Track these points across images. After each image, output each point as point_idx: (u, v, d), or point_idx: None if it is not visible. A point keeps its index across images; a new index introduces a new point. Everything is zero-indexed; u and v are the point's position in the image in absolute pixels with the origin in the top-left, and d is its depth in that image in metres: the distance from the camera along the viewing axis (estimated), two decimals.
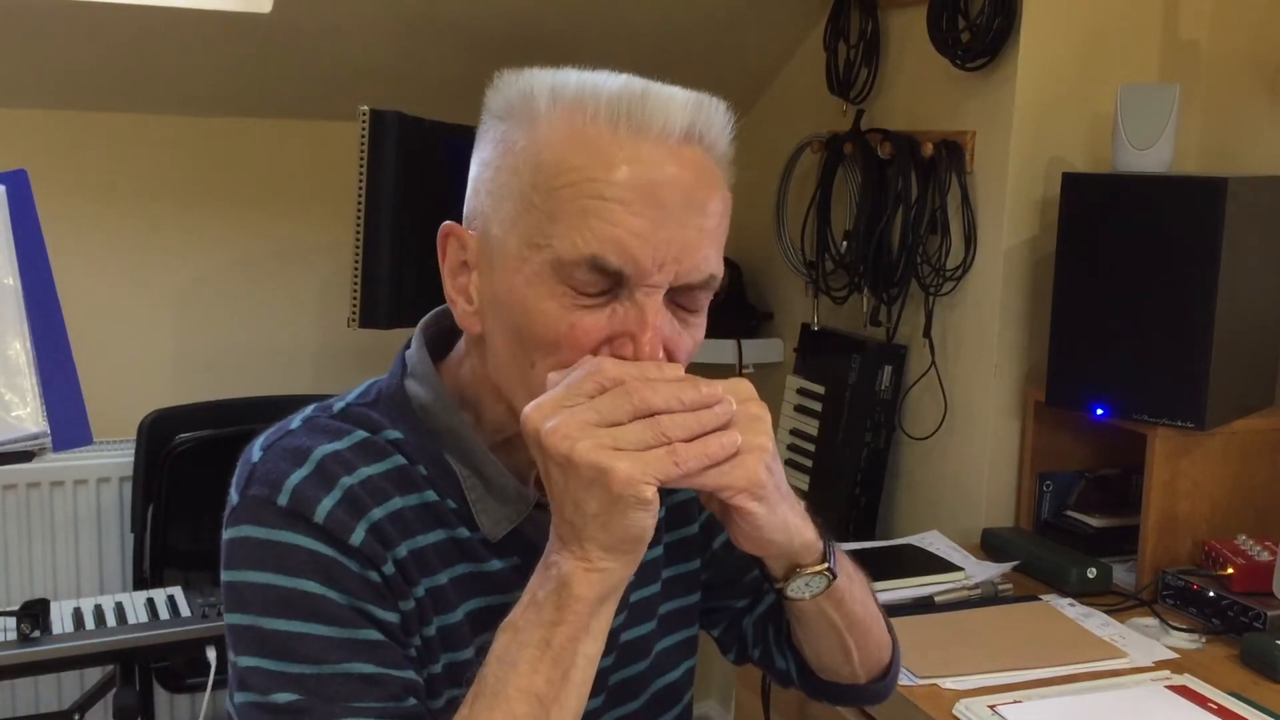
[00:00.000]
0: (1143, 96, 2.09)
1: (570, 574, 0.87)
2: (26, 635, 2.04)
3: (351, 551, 0.93)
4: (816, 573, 1.01)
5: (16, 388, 1.58)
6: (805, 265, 2.71)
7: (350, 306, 2.26)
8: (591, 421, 0.85)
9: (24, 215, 1.65)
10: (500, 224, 0.93)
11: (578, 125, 0.91)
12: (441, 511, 0.99)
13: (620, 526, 0.85)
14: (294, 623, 0.91)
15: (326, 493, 0.94)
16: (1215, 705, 1.63)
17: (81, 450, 1.92)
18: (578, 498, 0.85)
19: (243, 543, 0.95)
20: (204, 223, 2.79)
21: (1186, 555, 2.05)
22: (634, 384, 0.86)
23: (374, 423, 1.00)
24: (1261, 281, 2.04)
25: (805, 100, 2.80)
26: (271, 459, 0.97)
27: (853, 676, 1.14)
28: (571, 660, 0.88)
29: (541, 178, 0.91)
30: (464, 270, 0.97)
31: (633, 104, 0.91)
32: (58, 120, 2.63)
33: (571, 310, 0.90)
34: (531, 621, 0.89)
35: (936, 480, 2.44)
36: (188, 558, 2.61)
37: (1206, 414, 1.94)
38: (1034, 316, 2.28)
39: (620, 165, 0.90)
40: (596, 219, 0.89)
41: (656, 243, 0.89)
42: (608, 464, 0.83)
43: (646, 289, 0.90)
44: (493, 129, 0.96)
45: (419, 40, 2.54)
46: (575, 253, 0.89)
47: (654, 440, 0.85)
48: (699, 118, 0.93)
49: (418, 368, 1.03)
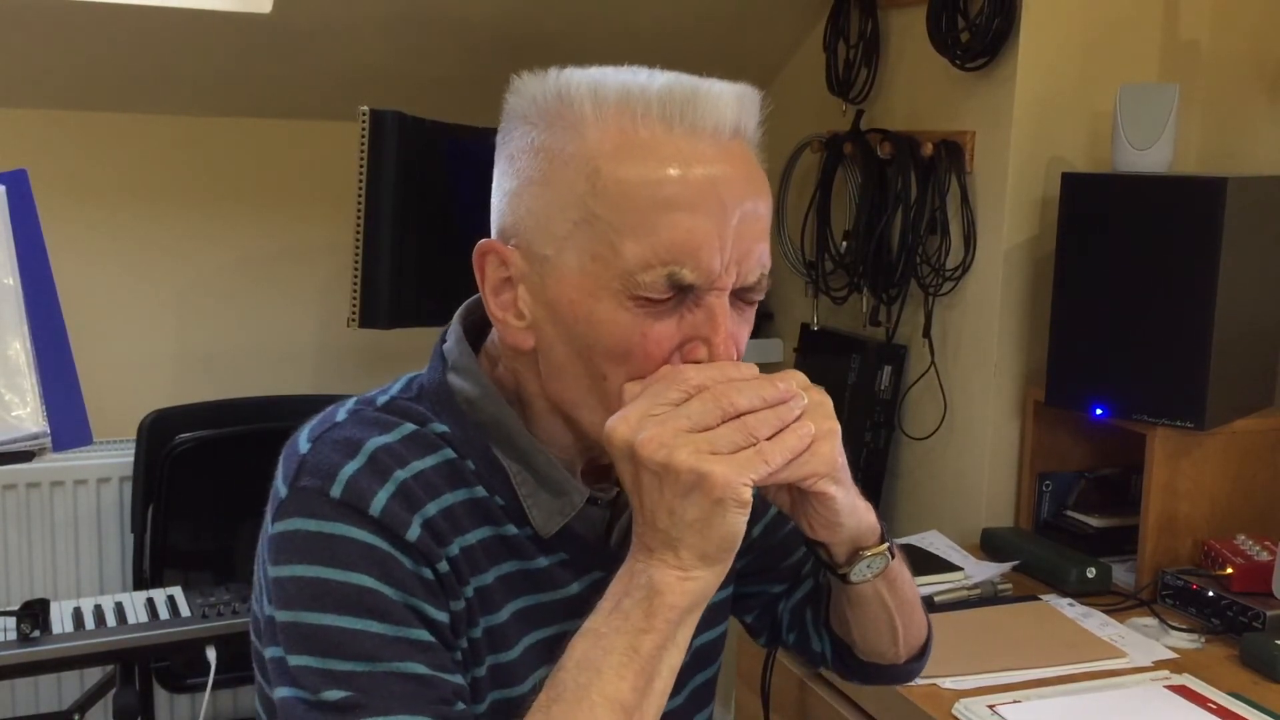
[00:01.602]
0: (1143, 96, 2.09)
1: (662, 582, 0.87)
2: (26, 635, 2.04)
3: (407, 547, 0.91)
4: (877, 553, 1.02)
5: (16, 388, 1.58)
6: (805, 265, 2.71)
7: (350, 306, 2.26)
8: (684, 428, 0.86)
9: (24, 215, 1.65)
10: (552, 238, 0.91)
11: (630, 128, 0.89)
12: (489, 508, 0.97)
13: (718, 532, 0.86)
14: (346, 618, 0.89)
15: (381, 485, 0.91)
16: (1215, 705, 1.63)
17: (81, 450, 1.92)
18: (674, 505, 0.86)
19: (293, 536, 0.91)
20: (204, 223, 2.79)
21: (1186, 555, 2.05)
22: (719, 388, 0.87)
23: (421, 416, 0.98)
24: (1261, 281, 2.04)
25: (805, 100, 2.80)
26: (322, 450, 0.94)
27: (894, 657, 1.14)
28: (656, 669, 0.88)
29: (601, 186, 0.89)
30: (508, 287, 0.95)
31: (685, 102, 0.90)
32: (58, 120, 2.63)
33: (643, 320, 0.90)
34: (617, 628, 0.88)
35: (936, 480, 2.44)
36: (188, 558, 2.61)
37: (1206, 414, 1.94)
38: (1034, 316, 2.28)
39: (682, 167, 0.89)
40: (666, 228, 0.88)
41: (724, 246, 0.89)
42: (706, 469, 0.84)
43: (715, 292, 0.90)
44: (524, 136, 0.93)
45: (419, 40, 2.54)
46: (649, 266, 0.88)
47: (744, 441, 0.86)
48: (743, 112, 0.93)
49: (460, 361, 1.01)
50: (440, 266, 2.26)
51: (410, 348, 2.94)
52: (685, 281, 0.89)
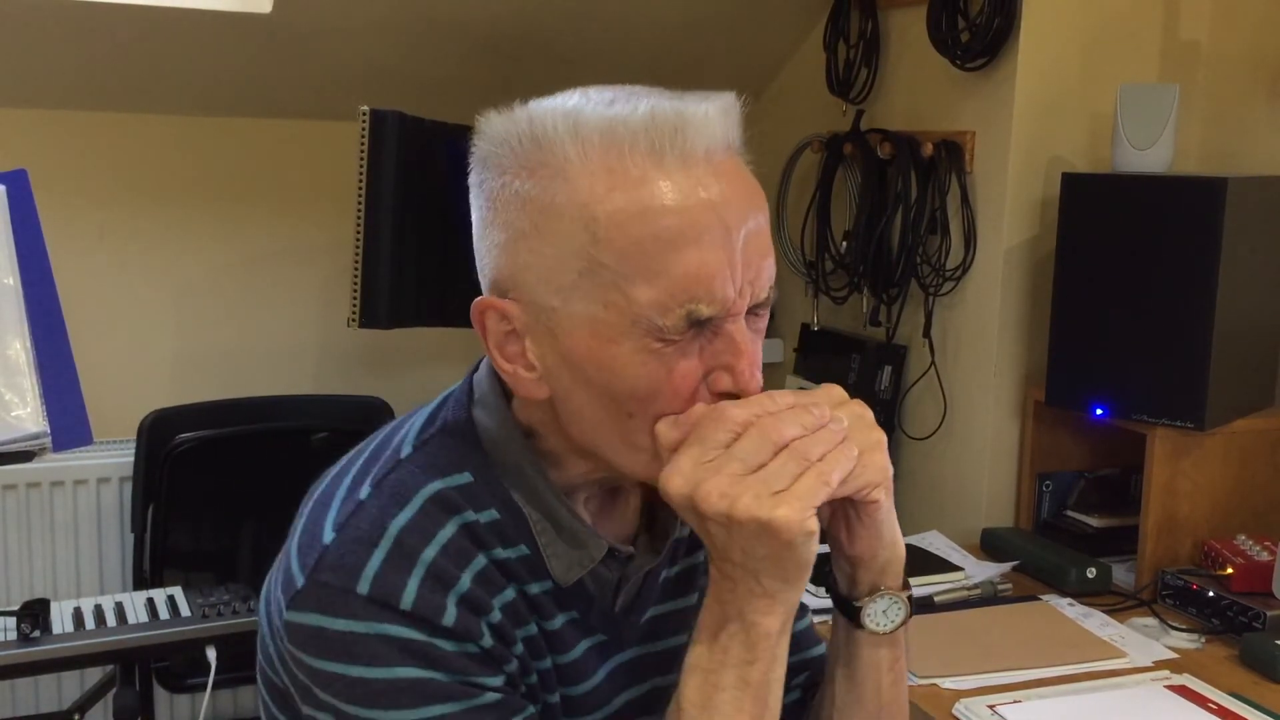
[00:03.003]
0: (1143, 96, 2.09)
1: (753, 612, 0.89)
2: (26, 635, 2.04)
3: (446, 633, 0.89)
4: (898, 596, 1.01)
5: (16, 388, 1.58)
6: (805, 265, 2.71)
7: (350, 306, 2.26)
8: (740, 473, 0.85)
9: (24, 215, 1.65)
10: (556, 289, 0.88)
11: (619, 167, 0.86)
12: (512, 566, 0.95)
13: (793, 562, 0.87)
14: (408, 711, 0.87)
15: (409, 573, 0.89)
16: (1215, 705, 1.63)
17: (81, 450, 1.92)
18: (745, 546, 0.86)
19: (319, 633, 0.89)
20: (204, 223, 2.79)
21: (1186, 555, 2.05)
22: (766, 422, 0.86)
23: (441, 467, 0.95)
24: (1261, 281, 2.04)
25: (805, 100, 2.80)
26: (345, 545, 0.91)
27: None
28: (769, 691, 0.90)
29: (601, 234, 0.85)
30: (513, 339, 0.92)
31: (674, 131, 0.86)
32: (58, 120, 2.63)
33: (667, 359, 0.88)
34: (722, 663, 0.89)
35: (936, 480, 2.44)
36: (188, 558, 2.62)
37: (1206, 414, 1.94)
38: (1034, 316, 2.28)
39: (680, 200, 0.86)
40: (676, 266, 0.85)
41: (734, 272, 0.87)
42: (768, 515, 0.84)
43: (731, 318, 0.88)
44: (505, 185, 0.89)
45: (419, 40, 2.54)
46: (666, 309, 0.86)
47: (799, 469, 0.85)
48: (730, 126, 0.90)
49: (486, 396, 0.98)
50: (440, 266, 2.26)
51: (410, 347, 2.95)
52: (703, 316, 0.87)
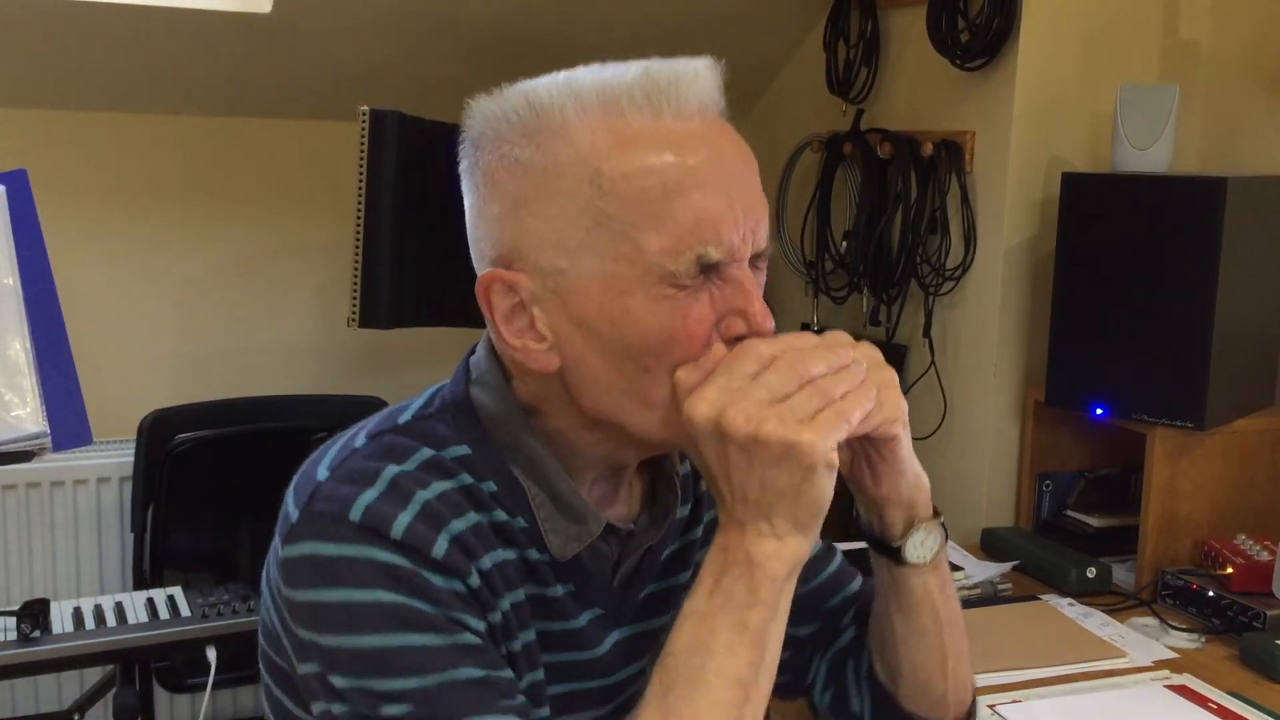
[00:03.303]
0: (1143, 96, 2.09)
1: (761, 554, 0.88)
2: (26, 635, 2.04)
3: (435, 565, 0.89)
4: (933, 526, 1.02)
5: (16, 388, 1.58)
6: (805, 265, 2.71)
7: (350, 306, 2.26)
8: (765, 399, 0.87)
9: (24, 215, 1.65)
10: (563, 250, 0.90)
11: (619, 124, 0.89)
12: (511, 531, 0.96)
13: (809, 497, 0.87)
14: (386, 636, 0.87)
15: (403, 508, 0.90)
16: (1215, 705, 1.63)
17: (81, 450, 1.92)
18: (765, 477, 0.87)
19: (311, 560, 0.89)
20: (204, 223, 2.79)
21: (1186, 555, 2.05)
22: (792, 356, 0.88)
23: (439, 438, 0.96)
24: (1261, 281, 2.04)
25: (805, 100, 2.80)
26: (340, 480, 0.92)
27: (941, 702, 1.09)
28: (766, 642, 0.89)
29: (607, 186, 0.88)
30: (520, 312, 0.93)
31: (669, 86, 0.90)
32: (58, 120, 2.63)
33: (680, 305, 0.90)
34: (721, 607, 0.88)
35: (936, 480, 2.40)
36: (188, 558, 2.61)
37: (1206, 414, 1.94)
38: (1034, 316, 2.28)
39: (681, 150, 0.89)
40: (683, 212, 0.88)
41: (738, 219, 0.90)
42: (794, 438, 0.85)
43: (737, 263, 0.91)
44: (501, 156, 0.92)
45: (419, 40, 2.54)
46: (676, 253, 0.88)
47: (822, 403, 0.87)
48: (718, 87, 0.93)
49: (485, 375, 0.99)
50: (440, 266, 2.25)
51: (410, 347, 2.95)
52: (712, 260, 0.89)
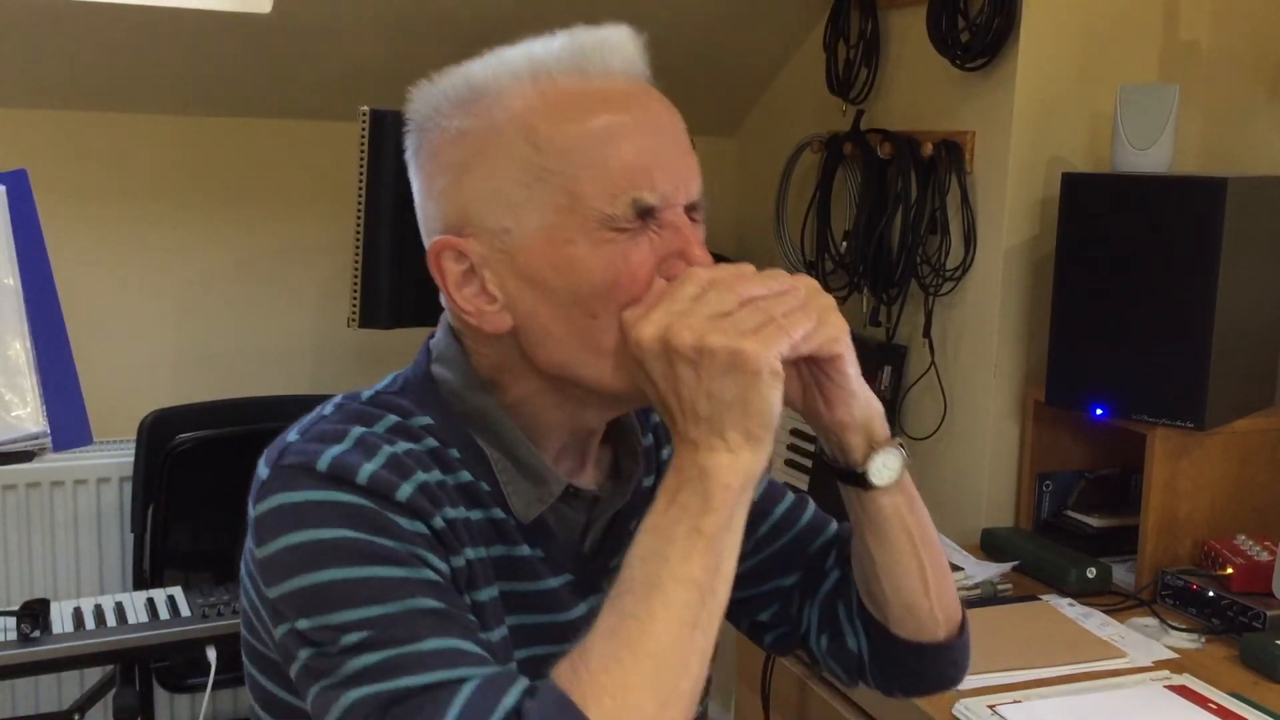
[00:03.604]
0: (1143, 96, 2.09)
1: (714, 466, 0.89)
2: (26, 635, 2.04)
3: (399, 507, 0.91)
4: (892, 447, 1.03)
5: (16, 388, 1.58)
6: (805, 265, 2.71)
7: (350, 306, 2.26)
8: (708, 315, 0.89)
9: (24, 215, 1.65)
10: (508, 209, 0.94)
11: (550, 86, 0.94)
12: (477, 492, 0.98)
13: (757, 406, 0.89)
14: (345, 569, 0.88)
15: (369, 460, 0.92)
16: (1215, 705, 1.63)
17: (81, 450, 1.91)
18: (712, 388, 0.89)
19: (276, 511, 0.91)
20: (204, 223, 2.79)
21: (1186, 555, 2.05)
22: (730, 279, 0.92)
23: (404, 409, 0.99)
24: (1261, 281, 2.04)
25: (805, 100, 2.80)
26: (308, 439, 0.95)
27: (931, 620, 1.11)
28: (722, 549, 0.89)
29: (543, 142, 0.93)
30: (470, 277, 0.97)
31: (594, 50, 0.95)
32: (58, 120, 2.63)
33: (617, 249, 0.93)
34: (676, 518, 0.89)
35: (936, 480, 2.44)
36: (188, 558, 2.61)
37: (1206, 414, 1.94)
38: (1034, 316, 2.28)
39: (611, 104, 0.94)
40: (616, 159, 0.92)
41: (668, 167, 0.94)
42: (739, 345, 0.88)
43: (673, 209, 0.95)
44: (442, 132, 0.97)
45: (419, 40, 2.54)
46: (613, 197, 0.92)
47: (763, 320, 0.90)
48: (640, 51, 0.99)
49: (445, 352, 1.03)
50: None
51: (410, 347, 2.93)
52: (647, 203, 0.93)
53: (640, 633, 0.86)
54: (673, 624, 0.86)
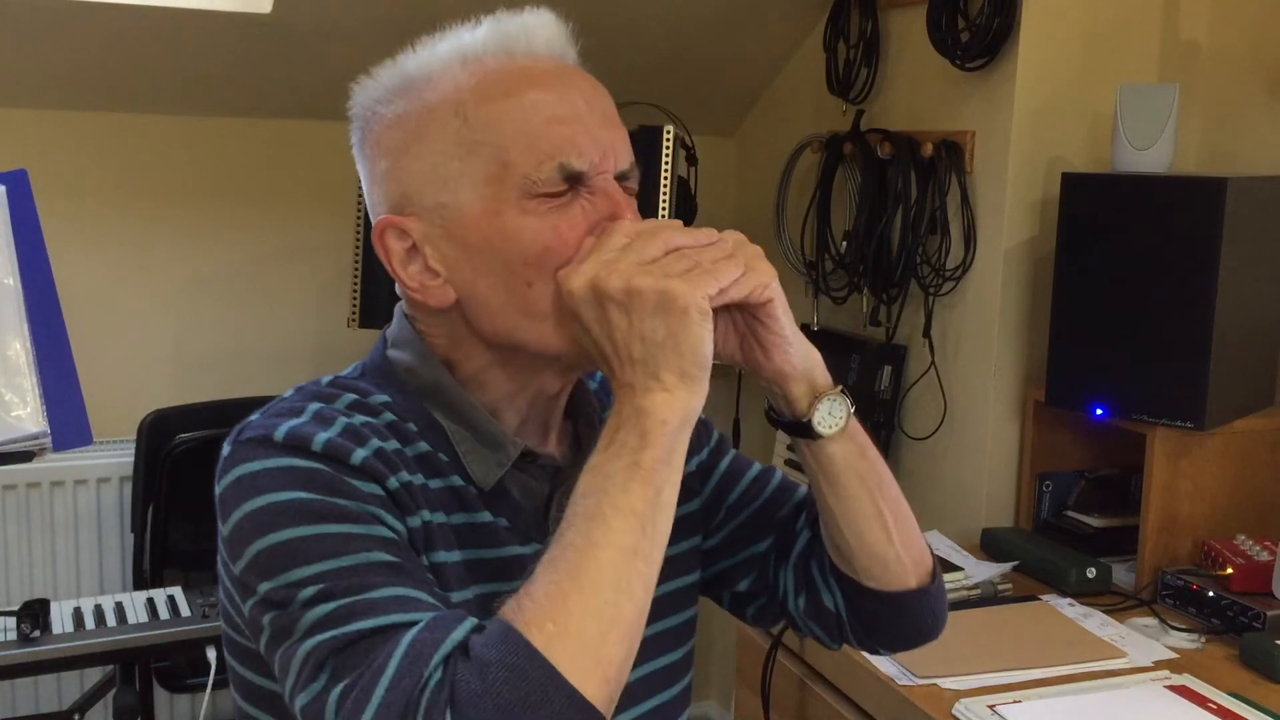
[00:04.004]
0: (1143, 96, 2.09)
1: (650, 404, 0.91)
2: (26, 635, 2.04)
3: (354, 470, 0.93)
4: (835, 395, 1.04)
5: (16, 388, 1.58)
6: (805, 265, 2.71)
7: (350, 306, 2.27)
8: (636, 261, 0.92)
9: (24, 215, 1.65)
10: (442, 184, 0.98)
11: (479, 68, 0.98)
12: (435, 462, 1.00)
13: (689, 344, 0.91)
14: (302, 528, 0.90)
15: (325, 429, 0.95)
16: (1215, 705, 1.63)
17: (81, 450, 1.91)
18: (644, 330, 0.91)
19: (236, 482, 0.95)
20: (204, 223, 2.79)
21: (1186, 555, 2.05)
22: (656, 228, 0.95)
23: (362, 389, 1.03)
24: (1261, 281, 2.04)
25: (805, 100, 2.80)
26: (266, 416, 0.99)
27: (899, 567, 1.12)
28: (661, 482, 0.91)
29: (473, 117, 0.97)
30: (414, 255, 1.01)
31: (518, 33, 0.99)
32: (58, 120, 2.63)
33: (549, 217, 0.96)
34: (615, 454, 0.90)
35: (936, 480, 2.44)
36: (188, 558, 2.61)
37: (1206, 414, 1.94)
38: (1034, 316, 2.28)
39: (537, 80, 0.98)
40: (542, 128, 0.96)
41: (594, 134, 0.97)
42: (666, 285, 0.90)
43: (602, 176, 0.98)
44: (379, 119, 1.01)
45: (418, 40, 2.54)
46: (539, 164, 0.95)
47: (690, 266, 0.93)
48: (564, 32, 1.03)
49: (400, 336, 1.06)
50: None
51: None
52: (574, 169, 0.96)
53: (581, 560, 0.87)
54: (613, 551, 0.87)
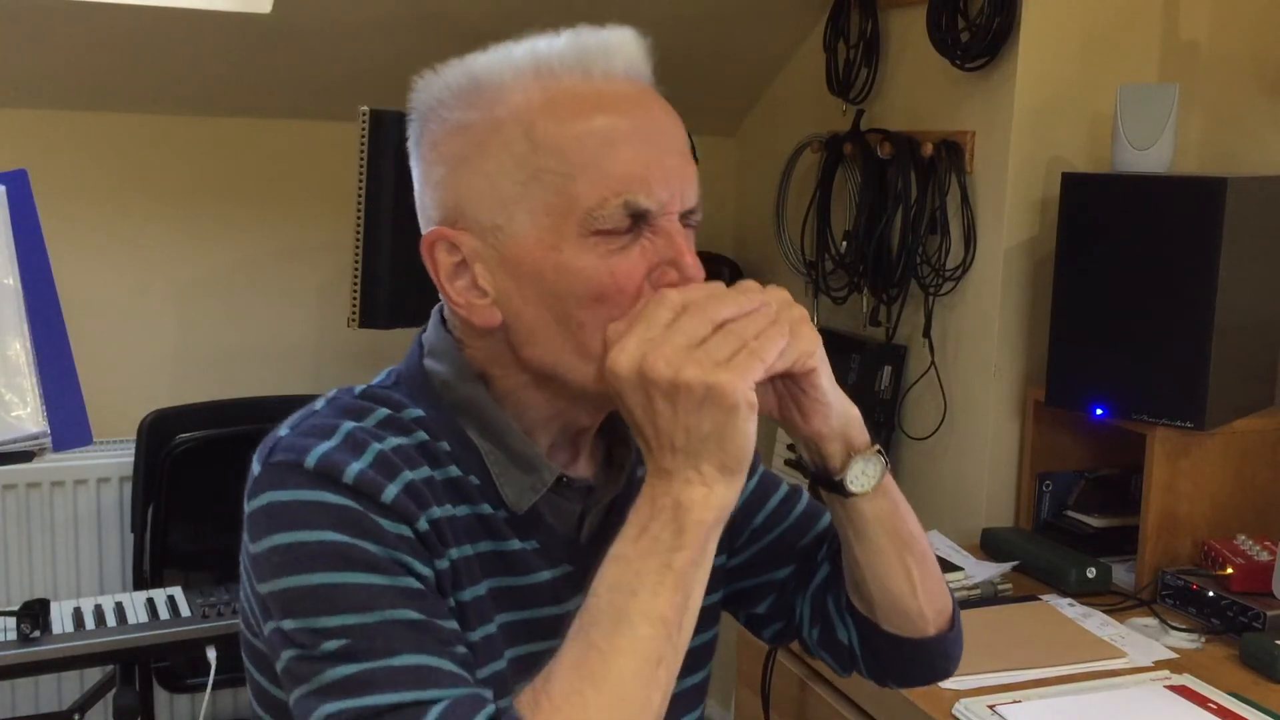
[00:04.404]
0: (1143, 96, 2.09)
1: (689, 499, 0.89)
2: (26, 635, 2.04)
3: (384, 509, 0.91)
4: (870, 454, 1.03)
5: (16, 388, 1.58)
6: (805, 265, 2.71)
7: (350, 306, 2.26)
8: (683, 345, 0.89)
9: (24, 215, 1.65)
10: (500, 205, 0.94)
11: (552, 84, 0.94)
12: (466, 487, 0.98)
13: (734, 440, 0.89)
14: (330, 574, 0.89)
15: (356, 458, 0.92)
16: (1215, 705, 1.63)
17: (81, 450, 1.91)
18: (689, 422, 0.88)
19: (267, 509, 0.92)
20: (204, 223, 2.79)
21: (1186, 555, 2.05)
22: (702, 302, 0.91)
23: (396, 403, 1.00)
24: (1261, 281, 2.04)
25: (805, 100, 2.80)
26: (298, 435, 0.96)
27: (920, 617, 1.11)
28: (691, 585, 0.89)
29: (540, 140, 0.93)
30: (463, 270, 0.97)
31: (598, 51, 0.95)
32: (58, 120, 2.63)
33: (608, 259, 0.93)
34: (647, 550, 0.89)
35: (936, 480, 2.44)
36: (188, 558, 2.61)
37: (1206, 414, 1.94)
38: (1034, 316, 2.28)
39: (612, 107, 0.94)
40: (612, 162, 0.92)
41: (666, 173, 0.94)
42: (714, 379, 0.87)
43: (668, 216, 0.94)
44: (443, 123, 0.97)
45: (419, 39, 2.54)
46: (605, 200, 0.92)
47: (737, 346, 0.89)
48: (646, 55, 0.98)
49: (437, 345, 1.03)
50: None
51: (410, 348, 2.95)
52: (641, 207, 0.92)
53: (604, 667, 0.86)
54: (637, 659, 0.86)
